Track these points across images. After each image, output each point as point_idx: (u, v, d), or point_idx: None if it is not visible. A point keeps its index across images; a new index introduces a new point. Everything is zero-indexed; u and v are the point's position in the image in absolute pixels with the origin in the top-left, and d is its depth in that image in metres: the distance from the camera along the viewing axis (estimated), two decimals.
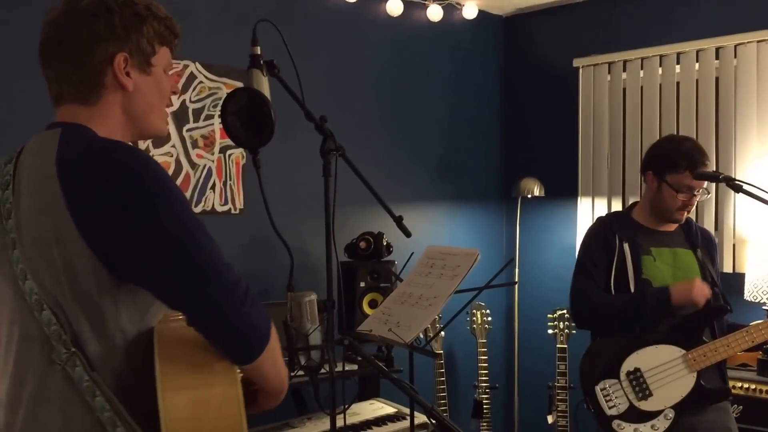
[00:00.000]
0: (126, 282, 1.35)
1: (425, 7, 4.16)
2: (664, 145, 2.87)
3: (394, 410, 3.17)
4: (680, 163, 2.70)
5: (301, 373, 1.93)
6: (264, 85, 2.03)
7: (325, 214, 2.08)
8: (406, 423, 3.02)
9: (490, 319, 3.98)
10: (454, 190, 4.38)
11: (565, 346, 3.79)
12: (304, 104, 2.04)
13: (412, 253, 2.43)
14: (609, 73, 4.15)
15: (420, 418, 2.79)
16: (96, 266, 1.32)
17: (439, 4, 4.15)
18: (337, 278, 2.08)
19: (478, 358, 3.94)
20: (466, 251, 2.13)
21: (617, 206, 4.06)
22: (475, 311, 3.97)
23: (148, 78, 1.51)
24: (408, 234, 2.24)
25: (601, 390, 2.70)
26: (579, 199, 4.21)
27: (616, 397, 2.69)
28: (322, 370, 1.97)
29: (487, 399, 3.91)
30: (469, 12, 4.27)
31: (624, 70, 4.10)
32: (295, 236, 3.26)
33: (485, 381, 3.92)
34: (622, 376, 2.69)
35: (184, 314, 1.34)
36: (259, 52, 2.03)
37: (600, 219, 3.03)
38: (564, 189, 4.29)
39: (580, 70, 4.24)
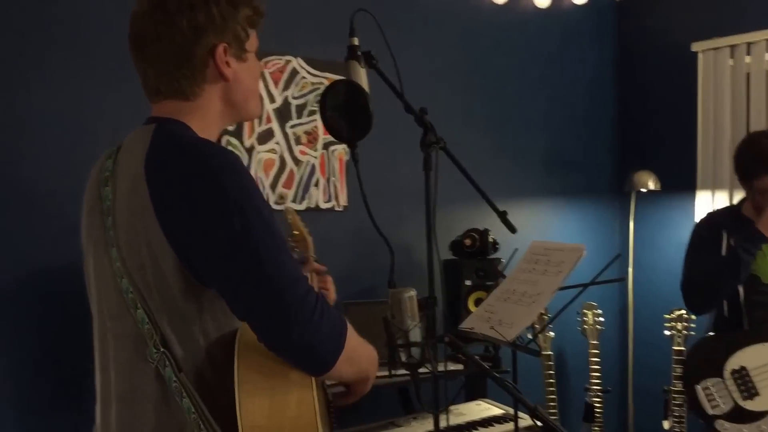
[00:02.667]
0: (209, 287, 1.36)
1: None
2: (741, 150, 2.84)
3: (501, 412, 3.13)
4: (758, 170, 2.70)
5: (403, 371, 1.93)
6: (362, 76, 2.04)
7: (426, 210, 2.08)
8: (512, 425, 2.98)
9: (602, 319, 3.88)
10: (563, 185, 4.30)
11: (683, 348, 3.64)
12: (404, 96, 2.04)
13: (516, 249, 2.39)
14: (731, 57, 3.97)
15: (526, 420, 2.74)
16: (180, 269, 1.34)
17: None
18: (439, 275, 2.07)
19: (589, 360, 3.85)
20: (571, 246, 2.08)
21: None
22: (586, 311, 3.88)
23: (245, 64, 1.52)
24: (513, 230, 2.21)
25: (703, 389, 2.65)
26: (698, 192, 4.05)
27: (719, 397, 2.63)
28: (425, 369, 1.97)
29: (599, 402, 3.82)
30: None
31: (748, 54, 3.91)
32: (399, 233, 3.29)
33: (597, 384, 3.82)
34: (726, 374, 2.64)
35: (252, 329, 1.33)
36: (357, 43, 2.04)
37: (709, 213, 3.02)
38: (681, 182, 4.13)
39: (700, 55, 4.07)
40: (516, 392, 1.93)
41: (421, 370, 1.97)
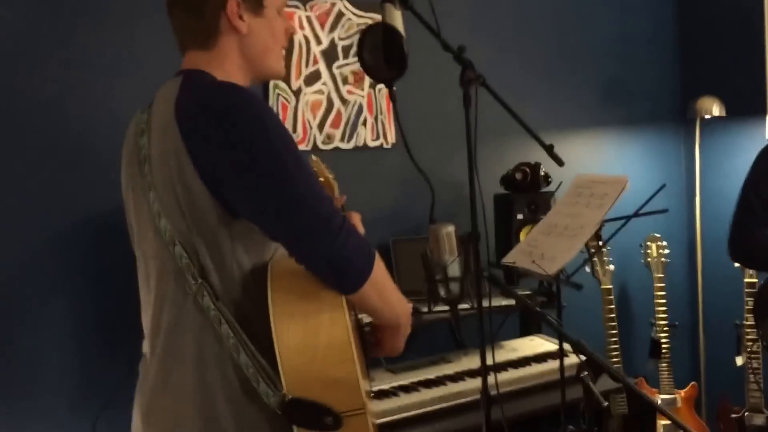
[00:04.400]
0: (239, 217, 1.50)
1: None
2: None
3: (556, 347, 3.21)
4: None
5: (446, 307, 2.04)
6: (397, 18, 2.12)
7: (467, 146, 2.15)
8: (568, 360, 3.06)
9: (667, 251, 3.90)
10: (623, 114, 4.26)
11: (755, 280, 3.65)
12: (440, 35, 2.11)
13: (561, 183, 2.43)
14: None
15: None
16: (212, 203, 1.48)
17: None
18: (486, 210, 2.15)
19: (654, 294, 3.88)
20: (614, 179, 2.13)
21: None
22: (650, 243, 3.90)
23: (261, 20, 1.65)
24: (560, 163, 2.25)
25: None
26: None
27: None
28: (467, 306, 2.06)
29: (665, 338, 3.86)
30: None
31: None
32: (447, 169, 3.35)
33: (663, 318, 3.86)
34: None
35: (284, 246, 1.48)
36: None
37: None
38: (749, 107, 4.06)
39: None
40: (558, 326, 2.02)
41: (467, 306, 2.07)
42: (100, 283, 2.92)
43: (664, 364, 3.89)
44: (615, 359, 3.75)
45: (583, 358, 1.94)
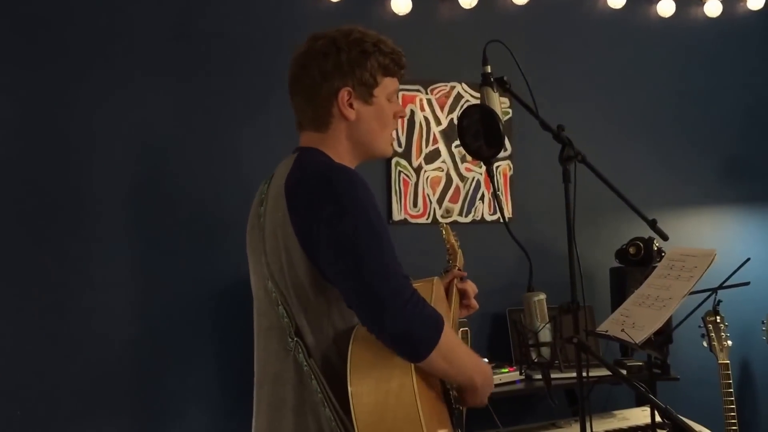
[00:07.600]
0: (334, 283, 1.62)
1: (701, 3, 4.08)
2: None
3: None
4: None
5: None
6: (495, 100, 2.24)
7: (567, 220, 2.22)
8: None
9: None
10: (746, 192, 4.17)
11: None
12: (539, 115, 2.20)
13: (663, 254, 2.44)
14: None
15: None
16: (311, 270, 1.62)
17: None
18: (580, 280, 2.20)
19: None
20: (704, 252, 2.14)
21: None
22: None
23: (371, 108, 1.78)
24: (664, 237, 2.28)
25: None
26: None
27: None
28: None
29: None
30: (755, 2, 4.09)
31: None
32: (564, 243, 3.40)
33: None
34: None
35: (357, 316, 1.58)
36: (489, 71, 2.26)
37: None
38: None
39: None
40: (646, 393, 2.02)
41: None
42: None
43: None
44: None
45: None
